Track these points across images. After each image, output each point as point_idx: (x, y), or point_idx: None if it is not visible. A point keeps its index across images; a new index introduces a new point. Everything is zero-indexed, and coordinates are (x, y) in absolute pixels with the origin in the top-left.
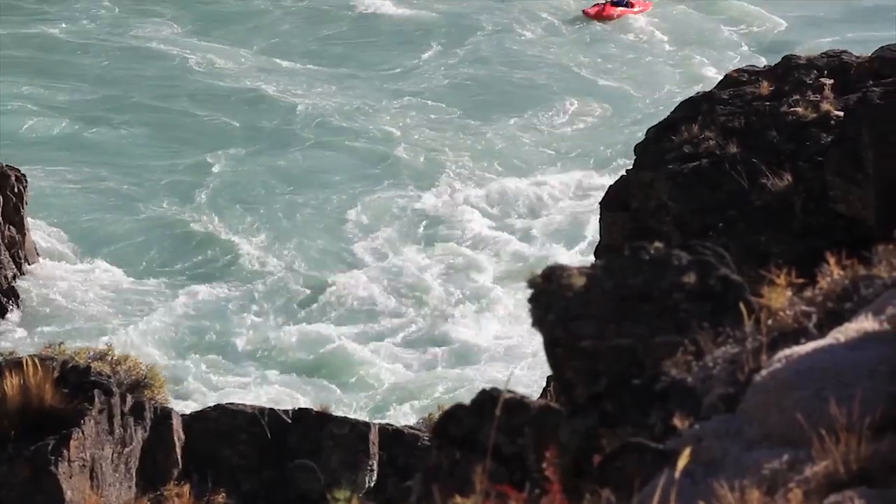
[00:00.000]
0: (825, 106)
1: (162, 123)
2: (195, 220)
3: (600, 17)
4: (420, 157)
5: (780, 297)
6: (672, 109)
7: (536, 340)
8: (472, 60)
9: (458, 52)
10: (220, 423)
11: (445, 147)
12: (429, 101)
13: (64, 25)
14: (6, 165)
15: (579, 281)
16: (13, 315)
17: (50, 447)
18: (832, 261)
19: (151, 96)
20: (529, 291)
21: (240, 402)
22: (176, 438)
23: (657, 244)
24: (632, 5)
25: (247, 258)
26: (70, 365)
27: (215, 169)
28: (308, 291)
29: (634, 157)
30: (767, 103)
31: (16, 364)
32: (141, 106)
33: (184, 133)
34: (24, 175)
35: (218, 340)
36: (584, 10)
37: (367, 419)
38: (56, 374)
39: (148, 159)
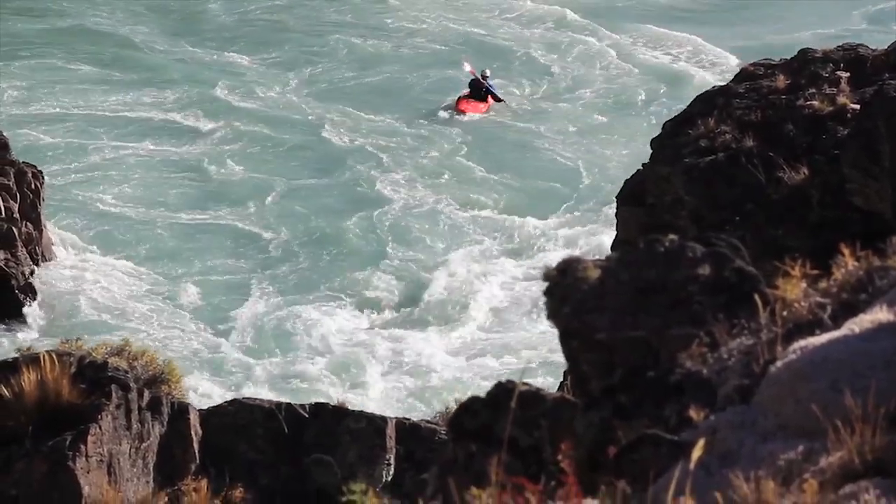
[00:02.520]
0: (841, 99)
1: (185, 125)
2: (216, 217)
3: (465, 111)
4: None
5: (794, 288)
6: (688, 104)
7: (552, 333)
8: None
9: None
10: (238, 417)
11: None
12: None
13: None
14: (23, 162)
15: (594, 273)
16: (31, 311)
17: (67, 443)
18: (847, 252)
19: (172, 101)
20: (545, 284)
21: (256, 396)
22: (193, 433)
23: (672, 236)
24: (485, 101)
25: (267, 251)
26: (87, 360)
27: (237, 168)
28: (330, 283)
29: (651, 152)
30: (784, 97)
31: (33, 360)
32: (164, 106)
33: (212, 137)
34: (40, 172)
35: (235, 335)
36: (458, 107)
37: (384, 413)
38: (73, 369)
39: (169, 156)
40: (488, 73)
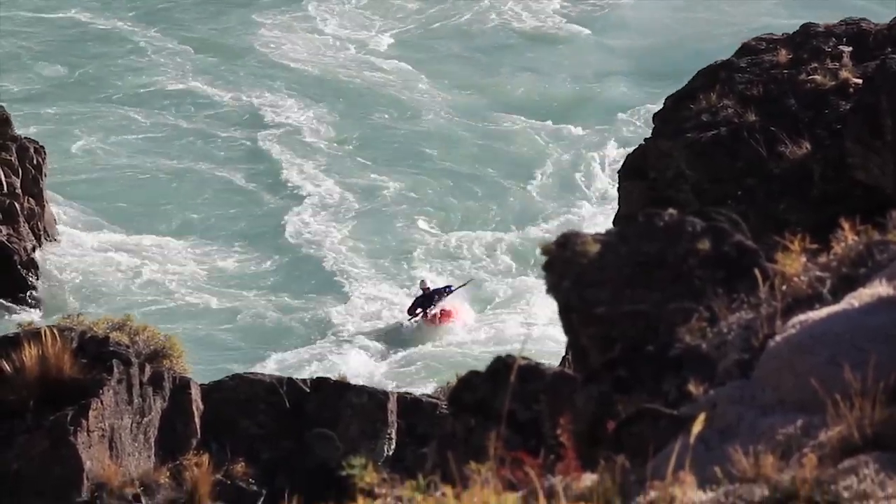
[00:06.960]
0: (844, 74)
1: (184, 104)
2: (216, 191)
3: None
4: None
5: (794, 262)
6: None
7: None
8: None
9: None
10: (239, 392)
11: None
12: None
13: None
14: (25, 138)
15: (594, 248)
16: (33, 286)
17: (69, 417)
18: (847, 226)
19: (159, 89)
20: (544, 258)
21: (258, 371)
22: (194, 408)
23: (671, 211)
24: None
25: (269, 230)
26: (88, 335)
27: (239, 143)
28: (330, 265)
29: (653, 126)
30: (786, 71)
31: (34, 335)
32: (162, 88)
33: (206, 116)
34: (42, 147)
35: (238, 310)
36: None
37: (385, 388)
38: (74, 344)
39: (168, 135)
40: (429, 283)
